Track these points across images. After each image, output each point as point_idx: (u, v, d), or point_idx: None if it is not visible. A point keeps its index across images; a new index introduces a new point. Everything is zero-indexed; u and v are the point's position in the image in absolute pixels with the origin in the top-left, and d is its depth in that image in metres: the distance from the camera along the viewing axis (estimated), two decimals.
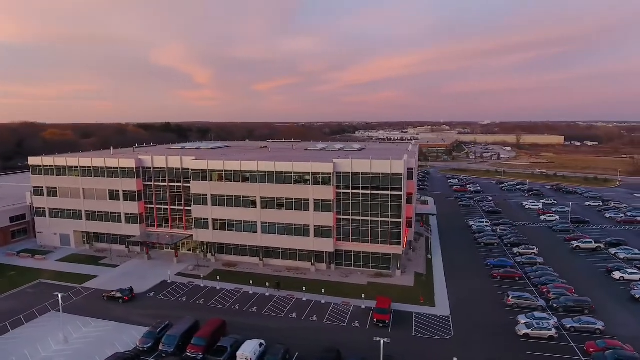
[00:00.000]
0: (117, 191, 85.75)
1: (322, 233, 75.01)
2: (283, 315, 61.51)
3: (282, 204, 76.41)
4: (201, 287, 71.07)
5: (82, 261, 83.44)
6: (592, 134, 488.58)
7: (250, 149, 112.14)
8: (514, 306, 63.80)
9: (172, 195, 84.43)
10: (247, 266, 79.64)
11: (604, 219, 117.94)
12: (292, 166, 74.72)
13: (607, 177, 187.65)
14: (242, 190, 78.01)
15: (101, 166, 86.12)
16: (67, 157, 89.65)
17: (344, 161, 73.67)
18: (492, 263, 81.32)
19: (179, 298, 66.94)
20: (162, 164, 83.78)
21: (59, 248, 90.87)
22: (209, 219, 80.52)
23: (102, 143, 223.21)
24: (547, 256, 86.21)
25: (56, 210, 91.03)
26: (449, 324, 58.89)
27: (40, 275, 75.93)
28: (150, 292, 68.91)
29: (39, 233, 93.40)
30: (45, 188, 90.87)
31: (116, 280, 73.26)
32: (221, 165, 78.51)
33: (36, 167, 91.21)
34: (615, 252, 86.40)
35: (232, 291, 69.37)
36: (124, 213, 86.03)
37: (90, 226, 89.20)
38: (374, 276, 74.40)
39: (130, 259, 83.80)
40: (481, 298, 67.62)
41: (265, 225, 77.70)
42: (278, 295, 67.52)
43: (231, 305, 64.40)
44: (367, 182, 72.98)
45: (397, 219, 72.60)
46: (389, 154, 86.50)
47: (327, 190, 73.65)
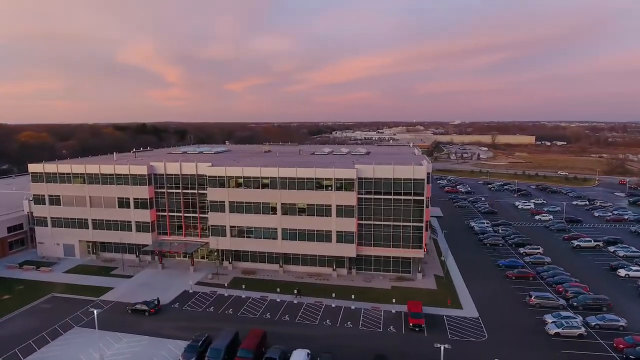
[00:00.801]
0: (128, 199, 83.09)
1: (344, 238, 75.38)
2: (317, 322, 61.50)
3: (304, 210, 76.27)
4: (225, 296, 70.00)
5: (91, 272, 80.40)
6: (560, 134, 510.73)
7: (254, 154, 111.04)
8: (537, 306, 66.29)
9: (185, 202, 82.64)
10: (267, 273, 78.99)
11: (594, 217, 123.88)
12: (315, 172, 74.73)
13: (585, 176, 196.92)
14: (261, 196, 77.30)
15: (110, 173, 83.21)
16: (71, 163, 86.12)
17: (367, 167, 74.32)
18: (504, 263, 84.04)
19: (206, 308, 65.68)
20: (176, 171, 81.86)
21: (62, 259, 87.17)
22: (226, 226, 79.31)
23: (82, 146, 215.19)
24: (550, 256, 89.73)
25: (59, 220, 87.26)
26: (480, 326, 60.57)
27: (51, 289, 72.66)
28: (174, 303, 67.26)
29: (39, 243, 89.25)
30: (47, 196, 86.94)
31: (134, 292, 71.09)
32: (240, 172, 77.53)
33: (37, 174, 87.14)
34: (614, 250, 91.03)
35: (258, 299, 68.69)
36: (134, 221, 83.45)
37: (97, 235, 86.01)
38: (395, 280, 75.46)
39: (143, 269, 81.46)
40: (503, 299, 69.81)
41: (285, 231, 77.32)
42: (306, 303, 67.44)
43: (262, 314, 63.80)
44: (389, 187, 73.92)
45: (418, 223, 73.92)
46: (398, 159, 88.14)
47: (349, 196, 74.09)
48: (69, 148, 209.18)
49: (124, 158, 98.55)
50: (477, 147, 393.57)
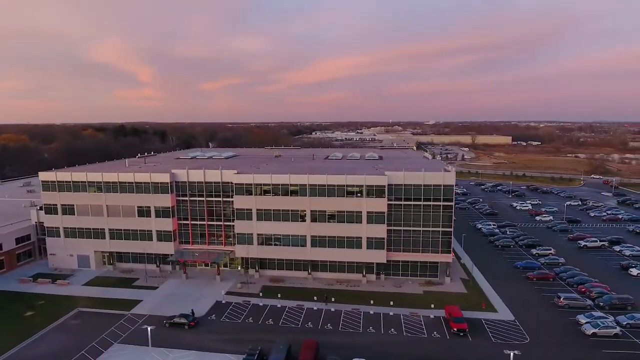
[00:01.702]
0: (149, 207, 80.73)
1: (374, 244, 75.88)
2: (361, 330, 61.75)
3: (333, 216, 76.29)
4: (260, 306, 69.17)
5: (112, 284, 77.70)
6: (533, 134, 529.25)
7: (266, 158, 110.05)
8: (565, 307, 68.80)
9: (209, 210, 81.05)
10: (295, 280, 78.53)
11: (590, 217, 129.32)
12: (346, 179, 74.88)
13: (570, 176, 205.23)
14: (290, 204, 76.80)
15: (129, 181, 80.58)
16: (87, 171, 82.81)
17: (397, 173, 75.06)
18: (521, 265, 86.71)
19: (244, 319, 64.72)
20: (199, 178, 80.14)
21: (77, 270, 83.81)
22: (253, 234, 78.36)
23: (66, 149, 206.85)
24: (560, 256, 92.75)
25: (73, 230, 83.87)
26: (519, 329, 62.33)
27: (75, 303, 69.77)
28: (210, 315, 65.90)
29: (51, 255, 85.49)
30: (60, 205, 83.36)
31: (165, 304, 69.25)
32: (268, 179, 76.77)
33: (48, 183, 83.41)
34: (620, 250, 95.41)
35: (294, 308, 68.25)
36: (155, 230, 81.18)
37: (114, 245, 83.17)
38: (424, 284, 76.60)
39: (166, 279, 79.38)
40: (531, 300, 72.00)
41: (315, 238, 77.11)
42: (344, 310, 67.51)
43: (303, 324, 63.46)
44: (419, 193, 74.93)
45: (447, 228, 75.33)
46: (412, 163, 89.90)
47: (380, 203, 74.65)
48: (53, 151, 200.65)
49: (135, 164, 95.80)
50: (457, 147, 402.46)
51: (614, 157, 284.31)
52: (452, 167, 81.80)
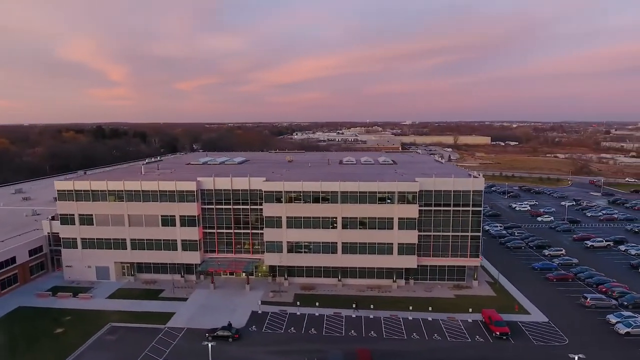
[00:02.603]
0: (173, 216, 78.73)
1: (405, 250, 76.62)
2: (405, 337, 62.29)
3: (364, 223, 76.56)
4: (298, 315, 68.65)
5: (138, 296, 75.35)
6: (508, 134, 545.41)
7: (280, 163, 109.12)
8: (592, 307, 71.48)
9: (236, 218, 79.75)
10: (326, 288, 78.34)
11: (587, 217, 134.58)
12: (378, 186, 75.27)
13: (558, 177, 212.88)
14: (321, 211, 76.56)
15: (153, 190, 78.32)
16: (107, 180, 79.88)
17: (427, 179, 76.00)
18: (538, 266, 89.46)
19: (286, 330, 64.07)
20: (226, 186, 78.72)
21: (96, 283, 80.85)
22: (283, 241, 77.69)
23: (50, 153, 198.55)
24: (569, 256, 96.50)
25: (92, 240, 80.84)
26: (556, 330, 64.31)
27: (105, 318, 67.25)
28: (251, 326, 64.90)
29: (67, 267, 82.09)
30: (77, 215, 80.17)
31: (200, 316, 67.76)
32: (299, 186, 76.26)
33: (65, 192, 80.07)
34: (626, 249, 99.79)
35: (333, 316, 68.11)
36: (180, 240, 79.26)
37: (136, 256, 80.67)
38: (453, 288, 77.91)
39: (193, 290, 77.63)
40: (557, 301, 74.38)
41: (346, 245, 77.16)
42: (382, 317, 67.89)
43: (347, 332, 63.43)
44: (448, 199, 76.13)
45: (476, 232, 76.87)
46: (428, 167, 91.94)
47: (412, 209, 75.41)
48: (37, 155, 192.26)
49: (150, 171, 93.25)
50: (440, 148, 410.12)
51: (591, 157, 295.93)
52: (480, 173, 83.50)
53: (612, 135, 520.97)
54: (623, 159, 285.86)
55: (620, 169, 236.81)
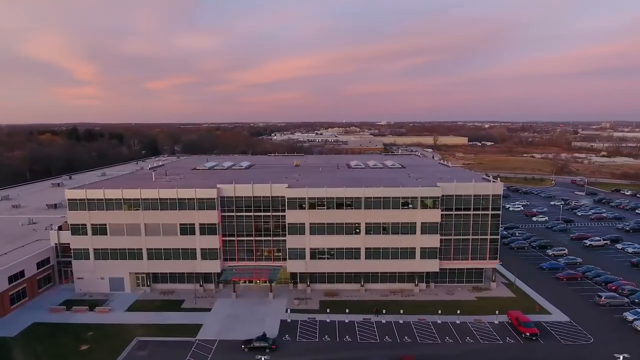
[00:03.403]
0: (192, 224, 76.83)
1: (427, 254, 77.62)
2: (439, 341, 63.13)
3: (387, 228, 77.07)
4: (327, 322, 68.35)
5: (158, 308, 73.11)
6: (484, 134, 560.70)
7: (288, 168, 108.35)
8: (607, 305, 74.53)
9: (257, 225, 78.62)
10: (349, 293, 78.35)
11: (578, 217, 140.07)
12: (401, 191, 75.91)
13: (542, 176, 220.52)
14: (344, 217, 76.56)
15: (172, 197, 76.18)
16: (122, 188, 77.04)
17: (449, 184, 77.24)
18: (546, 266, 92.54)
19: (321, 338, 63.70)
20: (247, 193, 77.44)
21: (110, 294, 77.87)
22: (305, 248, 77.23)
23: (31, 157, 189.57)
24: (569, 255, 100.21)
25: (105, 251, 77.87)
26: (579, 329, 66.65)
27: (130, 332, 64.87)
28: (284, 336, 64.14)
29: (78, 279, 78.70)
30: (90, 225, 77.02)
31: (230, 327, 66.43)
32: (323, 193, 75.96)
33: (76, 201, 76.71)
34: (623, 247, 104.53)
35: (363, 322, 68.22)
36: (199, 248, 77.44)
37: (153, 266, 78.26)
38: (473, 290, 79.52)
39: (214, 299, 75.99)
40: (574, 300, 77.04)
41: (369, 250, 77.45)
42: (411, 321, 68.54)
43: (381, 338, 63.69)
44: (469, 203, 77.65)
45: (495, 235, 78.78)
46: (437, 171, 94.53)
47: (434, 213, 76.46)
48: (17, 159, 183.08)
49: (162, 178, 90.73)
50: (421, 148, 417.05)
51: (566, 157, 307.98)
52: (496, 177, 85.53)
53: (580, 135, 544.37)
54: (596, 158, 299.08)
55: (597, 168, 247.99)
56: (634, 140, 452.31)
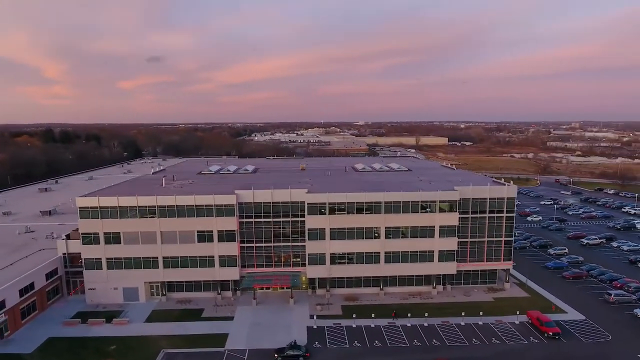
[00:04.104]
0: (211, 232, 75.35)
1: (445, 257, 78.76)
2: (467, 343, 64.19)
3: (406, 232, 77.76)
4: (353, 327, 68.38)
5: (178, 318, 71.34)
6: (463, 134, 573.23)
7: (294, 172, 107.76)
8: (616, 303, 77.56)
9: (276, 231, 77.82)
10: (369, 297, 78.66)
11: (569, 216, 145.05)
12: (420, 195, 76.69)
13: (527, 176, 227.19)
14: (365, 221, 76.76)
15: (189, 204, 74.44)
16: (138, 196, 74.69)
17: (466, 188, 78.58)
18: (551, 265, 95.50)
19: (351, 344, 63.68)
20: (266, 199, 76.52)
21: (124, 305, 75.47)
22: (326, 253, 77.02)
23: (12, 161, 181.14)
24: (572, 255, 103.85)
25: (118, 260, 75.37)
26: (595, 327, 69.10)
27: (154, 345, 63.03)
28: (313, 343, 63.80)
29: (90, 290, 75.89)
30: (103, 234, 74.40)
31: (257, 335, 65.49)
32: (343, 198, 75.92)
33: (87, 209, 73.95)
34: (618, 245, 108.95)
35: (388, 327, 68.58)
36: (218, 255, 76.03)
37: (169, 274, 76.28)
38: (488, 291, 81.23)
39: (234, 307, 74.77)
40: (584, 299, 79.69)
41: (388, 254, 77.94)
42: (435, 324, 69.40)
43: (411, 342, 64.24)
44: (484, 206, 79.26)
45: (509, 237, 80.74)
46: (444, 174, 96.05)
47: (452, 217, 77.67)
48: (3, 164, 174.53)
49: (171, 183, 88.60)
50: (403, 149, 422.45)
51: (545, 157, 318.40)
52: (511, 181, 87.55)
53: (554, 135, 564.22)
54: (573, 158, 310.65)
55: (576, 167, 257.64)
56: (604, 139, 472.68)
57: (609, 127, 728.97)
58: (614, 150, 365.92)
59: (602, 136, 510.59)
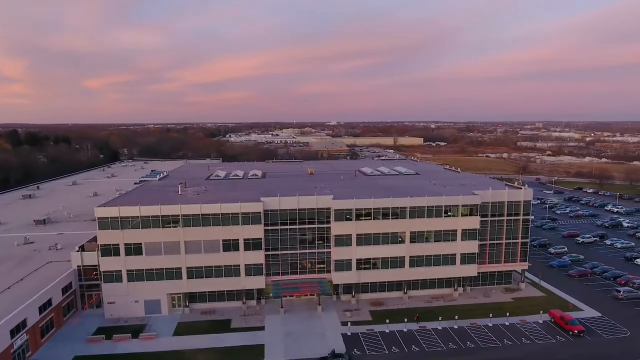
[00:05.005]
0: (236, 240, 73.76)
1: (467, 260, 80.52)
2: (501, 344, 65.91)
3: (430, 236, 78.95)
4: (387, 332, 68.83)
5: (207, 330, 69.40)
6: (437, 135, 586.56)
7: (303, 176, 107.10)
8: (625, 299, 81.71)
9: (301, 238, 77.11)
10: (393, 301, 79.29)
11: (558, 215, 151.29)
12: (444, 200, 78.00)
13: (509, 176, 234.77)
14: (390, 226, 77.33)
15: (215, 213, 72.58)
16: (161, 205, 72.04)
17: (486, 192, 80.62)
18: (556, 264, 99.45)
19: (390, 350, 64.04)
20: (292, 206, 75.69)
21: (146, 318, 72.69)
22: (352, 259, 77.06)
23: None
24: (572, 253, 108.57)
25: (140, 272, 72.50)
26: (613, 323, 72.54)
27: None
28: (354, 351, 63.64)
29: (109, 304, 72.59)
30: (123, 245, 71.35)
31: (295, 345, 64.68)
32: (370, 204, 76.15)
33: (107, 220, 70.67)
34: (612, 243, 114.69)
35: (420, 331, 69.46)
36: (244, 264, 74.56)
37: (192, 285, 74.09)
38: (506, 292, 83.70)
39: (262, 316, 73.54)
40: (594, 296, 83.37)
41: (413, 258, 78.85)
42: (464, 326, 70.86)
43: (446, 345, 65.31)
44: (502, 209, 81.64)
45: (525, 239, 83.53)
46: (453, 177, 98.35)
47: (473, 220, 79.51)
48: None
49: (185, 191, 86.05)
50: (381, 149, 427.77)
51: (520, 157, 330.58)
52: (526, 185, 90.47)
53: (522, 135, 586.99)
54: (546, 157, 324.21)
55: (553, 167, 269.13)
56: (569, 139, 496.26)
57: (570, 127, 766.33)
58: (581, 150, 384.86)
59: (567, 136, 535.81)
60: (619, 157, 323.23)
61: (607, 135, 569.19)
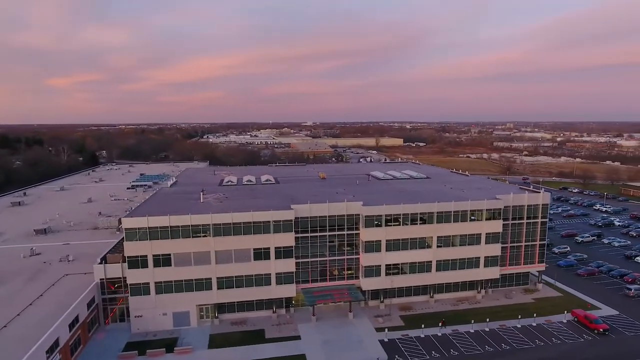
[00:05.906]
0: (268, 249, 72.60)
1: (490, 262, 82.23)
2: (533, 345, 67.71)
3: (456, 240, 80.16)
4: (422, 337, 69.50)
5: (241, 341, 67.95)
6: (415, 135, 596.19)
7: (314, 180, 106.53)
8: (635, 296, 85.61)
9: (331, 245, 76.70)
10: (420, 305, 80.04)
11: (552, 214, 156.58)
12: (470, 205, 79.35)
13: (496, 177, 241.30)
14: (418, 232, 78.02)
15: (246, 221, 71.15)
16: (191, 214, 69.91)
17: (507, 196, 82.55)
18: (563, 264, 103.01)
19: (430, 355, 64.65)
20: (323, 212, 75.14)
21: (175, 331, 70.53)
22: (381, 265, 77.28)
23: None
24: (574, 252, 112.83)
25: (169, 284, 70.24)
26: (631, 321, 75.87)
27: None
28: (395, 357, 63.86)
29: (136, 317, 69.92)
30: (152, 257, 68.91)
31: (335, 353, 64.36)
32: (400, 210, 76.56)
33: (135, 231, 68.07)
34: (609, 242, 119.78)
35: (455, 335, 70.47)
36: (275, 273, 73.45)
37: (222, 296, 72.37)
38: (525, 293, 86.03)
39: (294, 325, 72.67)
40: (607, 294, 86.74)
41: (439, 263, 79.85)
42: (494, 328, 72.40)
43: (483, 348, 66.53)
44: (522, 212, 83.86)
45: (542, 241, 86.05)
46: (464, 180, 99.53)
47: (496, 224, 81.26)
48: None
49: (206, 199, 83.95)
50: (365, 150, 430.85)
51: (501, 156, 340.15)
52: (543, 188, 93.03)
53: (496, 135, 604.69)
54: (525, 157, 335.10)
55: (535, 167, 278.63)
56: (542, 139, 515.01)
57: (539, 127, 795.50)
58: (556, 150, 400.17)
59: (539, 136, 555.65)
60: (592, 157, 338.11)
61: (575, 135, 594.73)
